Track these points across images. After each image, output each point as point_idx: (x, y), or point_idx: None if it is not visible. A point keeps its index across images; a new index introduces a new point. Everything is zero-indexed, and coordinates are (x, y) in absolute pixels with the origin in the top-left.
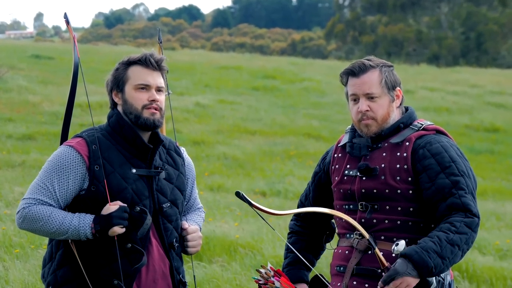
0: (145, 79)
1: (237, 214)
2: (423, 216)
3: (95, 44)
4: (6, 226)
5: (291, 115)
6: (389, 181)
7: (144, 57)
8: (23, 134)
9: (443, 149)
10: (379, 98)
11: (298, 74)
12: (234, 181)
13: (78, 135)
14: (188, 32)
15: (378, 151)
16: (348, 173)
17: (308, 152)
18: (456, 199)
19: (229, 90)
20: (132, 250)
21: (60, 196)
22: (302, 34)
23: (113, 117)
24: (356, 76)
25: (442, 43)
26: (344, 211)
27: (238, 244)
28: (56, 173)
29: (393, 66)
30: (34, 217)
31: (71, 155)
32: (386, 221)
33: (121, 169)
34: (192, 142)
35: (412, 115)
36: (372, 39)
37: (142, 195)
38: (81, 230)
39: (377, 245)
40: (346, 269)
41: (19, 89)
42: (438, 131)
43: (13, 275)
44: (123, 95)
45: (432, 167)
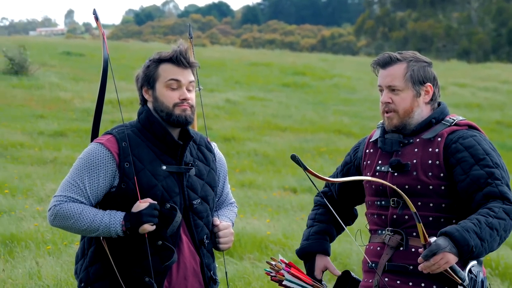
0: (176, 77)
1: (268, 211)
2: (455, 212)
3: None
4: (38, 222)
5: (321, 112)
6: (421, 177)
7: (175, 55)
8: (55, 130)
9: (476, 142)
10: (402, 91)
11: (328, 71)
12: (265, 178)
13: (108, 132)
14: (218, 28)
15: (410, 146)
16: (380, 169)
17: (338, 148)
18: (493, 187)
19: (259, 86)
20: (163, 247)
21: (90, 194)
22: (332, 31)
23: (143, 114)
24: (383, 68)
25: (473, 38)
26: (376, 207)
27: (269, 240)
28: (86, 171)
29: (429, 63)
30: (65, 215)
31: (101, 152)
32: None
33: (151, 166)
34: (223, 139)
35: (444, 111)
36: (402, 35)
37: (172, 192)
38: (112, 227)
39: (409, 242)
40: (378, 265)
41: (51, 86)
42: (470, 126)
43: (46, 271)
44: (153, 93)
45: (466, 159)
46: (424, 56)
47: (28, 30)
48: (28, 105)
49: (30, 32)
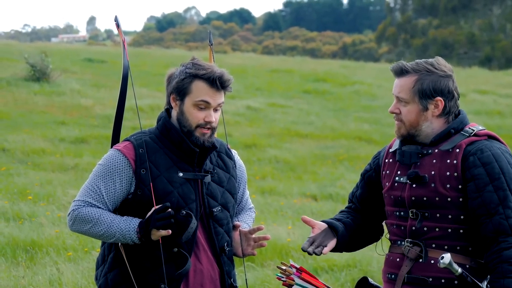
0: (207, 100)
1: (288, 218)
2: (474, 223)
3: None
4: (59, 229)
5: (342, 119)
6: (439, 188)
7: (213, 77)
8: (76, 137)
9: (494, 158)
10: (408, 104)
11: (349, 77)
12: (286, 185)
13: (127, 139)
14: (239, 35)
15: (428, 158)
16: (399, 180)
17: (359, 155)
18: (503, 220)
19: (280, 93)
20: (179, 254)
21: (108, 199)
22: (353, 37)
23: (161, 121)
24: (396, 76)
25: (495, 45)
26: (395, 217)
27: (290, 247)
28: (103, 177)
29: (449, 74)
30: (83, 219)
31: (118, 158)
32: (437, 229)
33: (167, 173)
34: (244, 146)
35: (464, 120)
36: (423, 42)
37: (188, 199)
38: (127, 234)
39: (429, 254)
40: (398, 277)
41: (72, 92)
42: (490, 136)
43: (66, 278)
44: (181, 105)
45: (481, 177)
46: (445, 67)
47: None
48: (49, 112)
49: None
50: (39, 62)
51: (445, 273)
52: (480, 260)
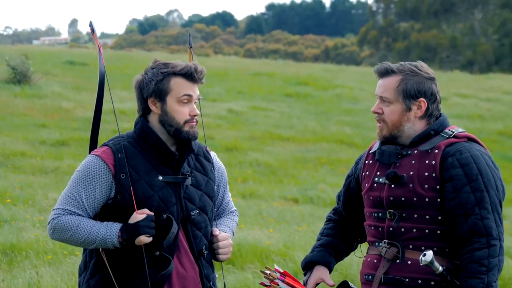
0: (188, 93)
1: (269, 221)
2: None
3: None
4: (39, 232)
5: (323, 122)
6: (417, 189)
7: (190, 70)
8: (57, 140)
9: (473, 159)
10: (392, 104)
11: (331, 81)
12: (267, 188)
13: (105, 144)
14: (221, 38)
15: (408, 158)
16: (378, 180)
17: (340, 159)
18: (478, 220)
19: (262, 96)
20: (161, 257)
21: (88, 206)
22: (335, 41)
23: (139, 125)
24: (380, 77)
25: (477, 49)
26: (373, 218)
27: (270, 251)
28: (83, 183)
29: (432, 77)
30: (63, 228)
31: (97, 164)
32: (414, 230)
33: (147, 177)
34: (225, 149)
35: (444, 122)
36: (405, 46)
37: (169, 202)
38: (108, 239)
39: (405, 254)
40: (374, 278)
41: (53, 95)
42: (469, 138)
43: (46, 281)
44: (163, 106)
45: (459, 177)
46: (428, 70)
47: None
48: (30, 114)
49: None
50: (20, 64)
51: (422, 273)
52: (457, 262)
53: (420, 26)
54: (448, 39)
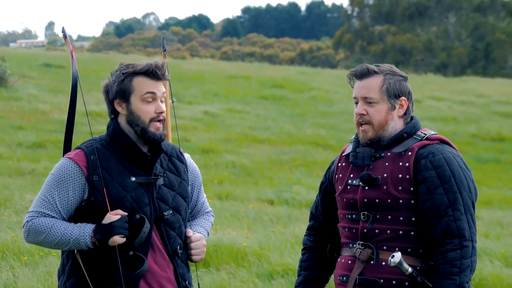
0: (152, 90)
1: (244, 223)
2: (424, 226)
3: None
4: (15, 233)
5: (299, 124)
6: (391, 191)
7: (150, 68)
8: (33, 142)
9: (445, 161)
10: (377, 103)
11: (306, 84)
12: (242, 190)
13: (78, 147)
14: (197, 41)
15: (381, 160)
16: (351, 183)
17: (315, 161)
18: (451, 222)
19: (238, 99)
20: (135, 257)
21: (61, 208)
22: (310, 44)
23: (111, 127)
24: (359, 79)
25: (451, 52)
26: (347, 220)
27: (246, 252)
28: (56, 186)
29: (406, 77)
30: (37, 230)
31: (70, 167)
32: (388, 231)
33: (120, 178)
34: (201, 151)
35: (416, 125)
36: (380, 49)
37: (141, 203)
38: (81, 239)
39: (380, 255)
40: (349, 279)
41: (29, 97)
42: (441, 140)
43: (22, 283)
44: (128, 106)
45: (432, 179)
46: (400, 70)
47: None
48: (6, 117)
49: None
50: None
51: (396, 274)
52: (431, 262)
53: (395, 30)
54: (422, 42)
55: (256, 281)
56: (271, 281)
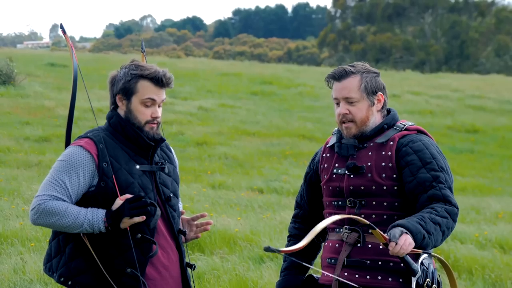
0: (153, 97)
1: (237, 210)
2: (407, 210)
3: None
4: (23, 221)
5: (287, 118)
6: (375, 178)
7: (157, 76)
8: (40, 136)
9: (424, 146)
10: (358, 102)
11: (293, 80)
12: (234, 179)
13: (85, 136)
14: (192, 41)
15: (365, 150)
16: (337, 172)
17: (302, 152)
18: (436, 191)
19: (230, 95)
20: (143, 240)
21: (72, 193)
22: (297, 43)
23: (114, 118)
24: (338, 81)
25: (429, 50)
26: (333, 207)
27: (238, 237)
28: (67, 171)
29: (378, 73)
30: (50, 212)
31: (81, 154)
32: (373, 216)
33: (127, 166)
34: (195, 143)
35: (395, 117)
36: (361, 47)
37: (147, 189)
38: (95, 224)
39: (366, 239)
40: (337, 261)
41: (36, 94)
42: (419, 130)
43: (30, 266)
44: (128, 104)
45: (414, 162)
46: (373, 68)
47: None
48: (14, 113)
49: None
50: (5, 66)
51: (382, 255)
52: None
53: (375, 29)
54: (401, 41)
55: (247, 265)
56: (262, 264)
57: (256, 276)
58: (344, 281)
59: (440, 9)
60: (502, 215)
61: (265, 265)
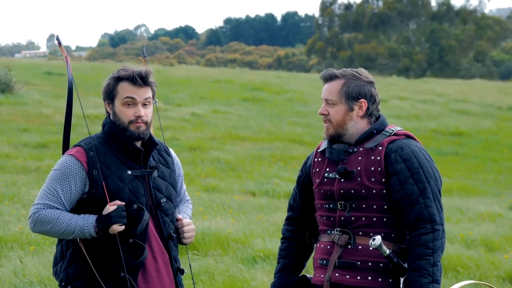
0: (131, 96)
1: (229, 213)
2: (396, 213)
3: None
4: (23, 225)
5: (277, 123)
6: (365, 182)
7: (132, 75)
8: (38, 143)
9: (413, 154)
10: (336, 105)
11: (283, 86)
12: (227, 183)
13: (77, 145)
14: (184, 49)
15: (355, 155)
16: (328, 176)
17: (292, 156)
18: (423, 209)
19: (222, 101)
20: (134, 244)
21: (65, 200)
22: (286, 51)
23: (107, 126)
24: (325, 82)
25: (413, 57)
26: (325, 209)
27: (231, 239)
28: (59, 180)
29: (371, 82)
30: (44, 220)
31: (72, 162)
32: (363, 218)
33: (117, 172)
34: (189, 148)
35: (384, 122)
36: (348, 54)
37: (138, 194)
38: (86, 229)
39: (357, 240)
40: (329, 262)
41: (34, 102)
42: (407, 136)
43: (29, 270)
44: (113, 107)
45: (402, 171)
46: (368, 76)
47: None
48: (13, 120)
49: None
50: (4, 75)
51: (372, 257)
52: (402, 245)
53: (362, 37)
54: (387, 49)
55: (240, 266)
56: (254, 265)
57: (249, 276)
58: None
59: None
60: (486, 215)
61: (257, 266)
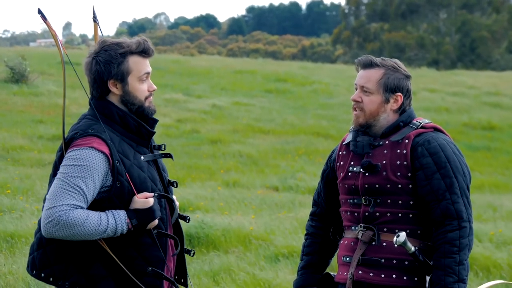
0: (148, 70)
1: (252, 208)
2: (422, 208)
3: None
4: (37, 220)
5: (301, 116)
6: (390, 176)
7: (145, 47)
8: (53, 134)
9: (440, 148)
10: (372, 94)
11: (307, 78)
12: (249, 178)
13: (90, 134)
14: (205, 39)
15: (380, 148)
16: (352, 170)
17: (317, 149)
18: (449, 205)
19: (244, 92)
20: (159, 235)
21: (89, 198)
22: (311, 41)
23: (108, 109)
24: (362, 68)
25: (441, 49)
26: (349, 204)
27: (252, 236)
28: (82, 176)
29: (409, 76)
30: (71, 224)
31: (96, 156)
32: (388, 214)
33: (135, 160)
34: (210, 141)
35: (411, 114)
36: (376, 45)
37: (156, 180)
38: (119, 227)
39: (381, 237)
40: (352, 259)
41: (49, 93)
42: (435, 128)
43: None
44: (125, 86)
45: (429, 166)
46: (405, 69)
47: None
48: (28, 111)
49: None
50: (18, 65)
51: (397, 254)
52: (428, 243)
53: (389, 27)
54: (415, 39)
55: (262, 263)
56: (277, 263)
57: (271, 275)
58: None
59: (454, 6)
60: None
61: (280, 264)
